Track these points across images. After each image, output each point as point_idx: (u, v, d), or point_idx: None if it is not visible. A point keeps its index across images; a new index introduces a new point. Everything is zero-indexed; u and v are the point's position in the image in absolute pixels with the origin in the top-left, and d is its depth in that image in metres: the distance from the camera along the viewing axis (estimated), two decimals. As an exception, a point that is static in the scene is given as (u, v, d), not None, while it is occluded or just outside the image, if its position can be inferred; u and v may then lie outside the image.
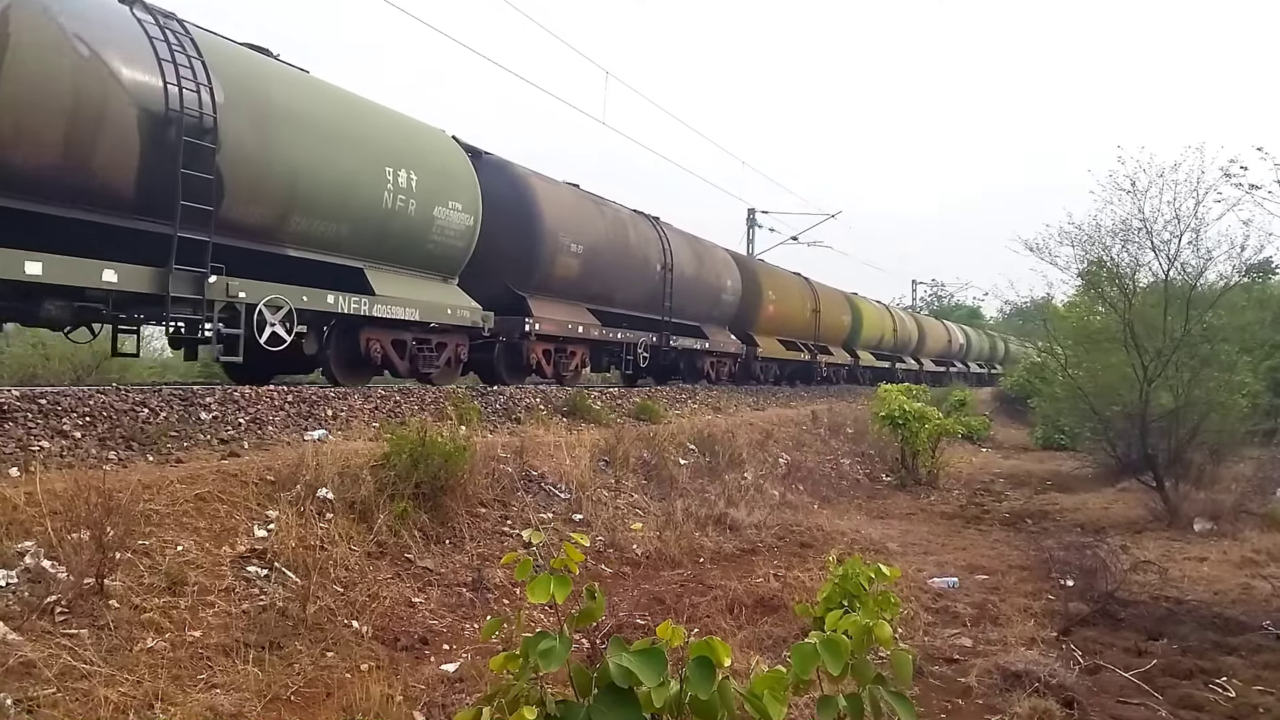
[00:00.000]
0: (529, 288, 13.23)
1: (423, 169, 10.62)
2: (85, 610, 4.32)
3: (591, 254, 14.34)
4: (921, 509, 12.48)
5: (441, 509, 6.89)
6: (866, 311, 30.61)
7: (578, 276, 14.10)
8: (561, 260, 13.53)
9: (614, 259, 15.13)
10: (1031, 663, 5.15)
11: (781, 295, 23.41)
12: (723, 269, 20.24)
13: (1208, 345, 12.53)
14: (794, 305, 24.38)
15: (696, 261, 18.73)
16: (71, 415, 6.38)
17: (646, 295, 16.56)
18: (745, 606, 6.32)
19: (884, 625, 2.35)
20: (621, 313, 15.82)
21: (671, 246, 17.36)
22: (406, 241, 10.55)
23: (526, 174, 13.42)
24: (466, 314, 11.53)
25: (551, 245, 13.31)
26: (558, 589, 2.12)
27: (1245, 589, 7.49)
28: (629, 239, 15.85)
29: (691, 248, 18.84)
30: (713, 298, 19.52)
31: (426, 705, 4.42)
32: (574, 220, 14.09)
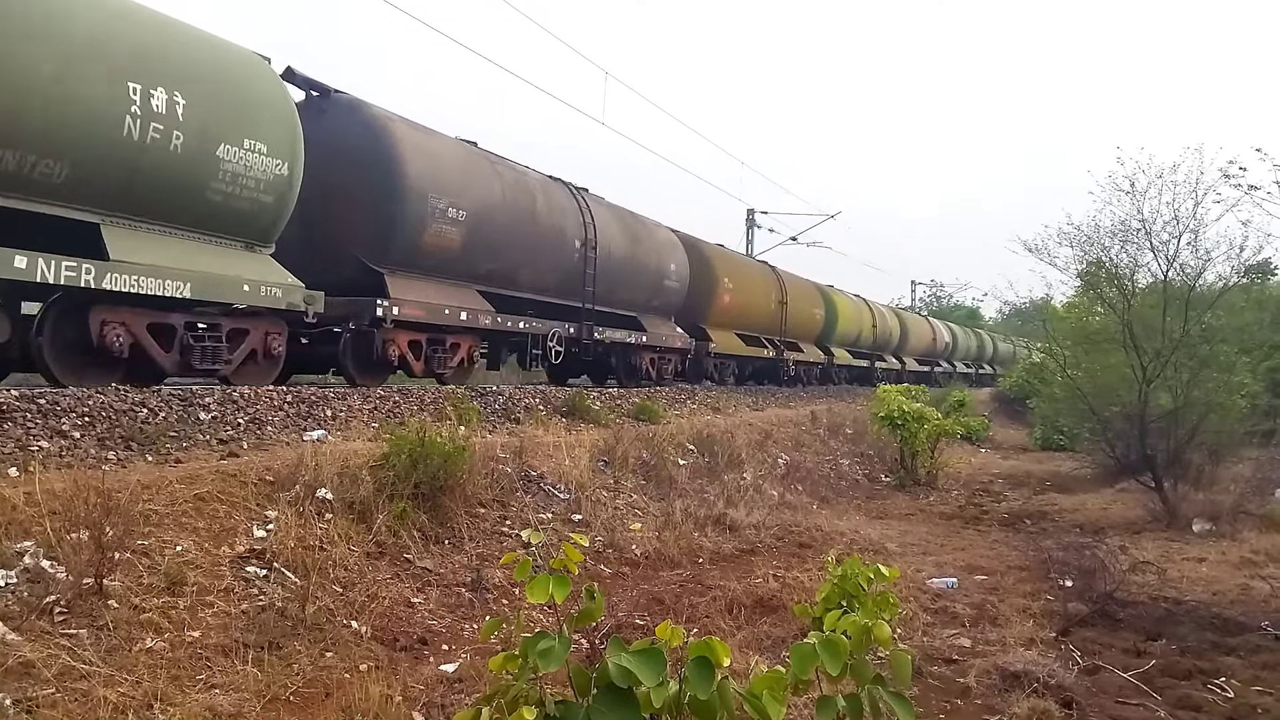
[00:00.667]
0: (387, 261, 10.65)
1: (197, 93, 7.88)
2: (84, 610, 4.32)
3: (481, 223, 11.76)
4: (920, 509, 12.48)
5: (441, 509, 6.89)
6: (842, 305, 28.49)
7: (461, 250, 11.53)
8: (435, 229, 10.99)
9: (515, 231, 12.54)
10: (1030, 663, 5.16)
11: (740, 284, 20.95)
12: (665, 251, 17.56)
13: (1206, 346, 12.54)
14: (756, 296, 21.94)
15: (630, 240, 16.08)
16: (70, 415, 6.38)
17: (562, 277, 13.93)
18: (744, 607, 6.32)
19: (883, 626, 2.35)
20: (528, 297, 13.28)
21: (596, 220, 14.68)
22: (170, 190, 7.83)
23: (386, 117, 10.89)
24: (277, 292, 8.68)
25: (419, 208, 10.72)
26: (557, 589, 2.13)
27: (1244, 589, 7.50)
28: (536, 208, 13.19)
29: (624, 224, 16.20)
30: (652, 284, 16.99)
31: (426, 705, 4.42)
32: (455, 179, 11.45)
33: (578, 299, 14.48)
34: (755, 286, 22.12)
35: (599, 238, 14.75)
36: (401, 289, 10.67)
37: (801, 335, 25.24)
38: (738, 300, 20.64)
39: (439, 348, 11.64)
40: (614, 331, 15.66)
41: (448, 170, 11.43)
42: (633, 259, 16.07)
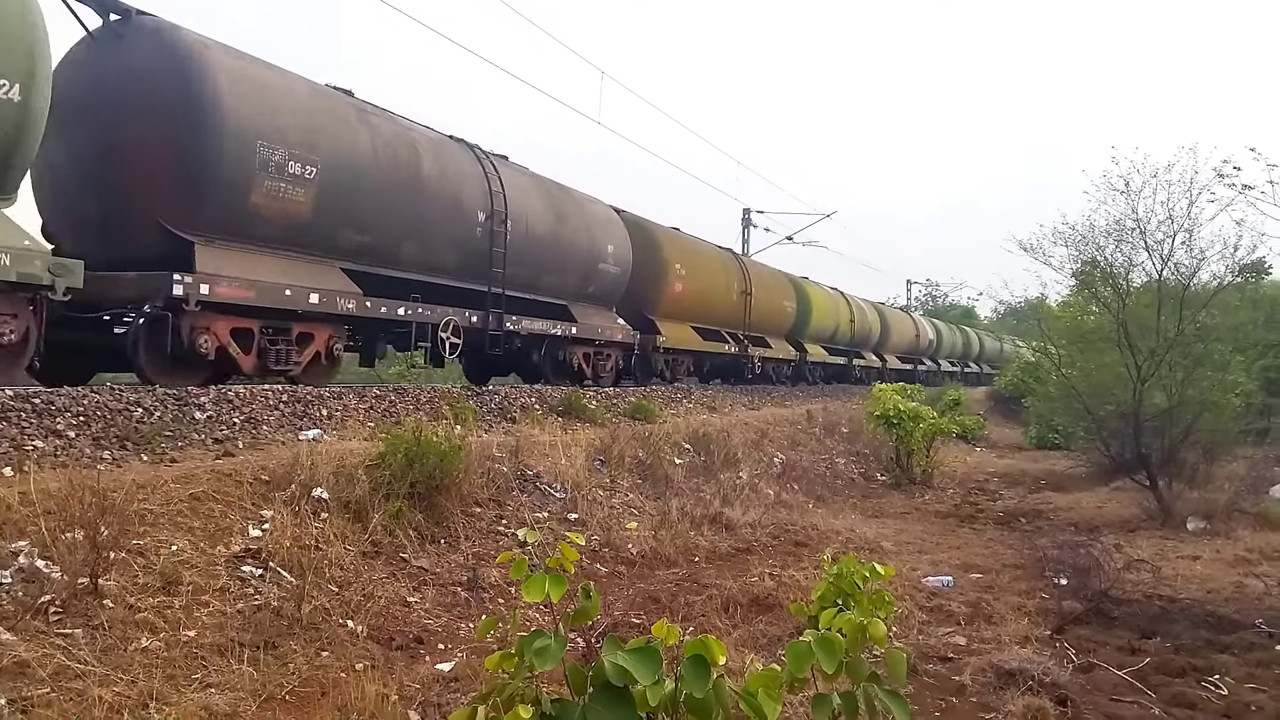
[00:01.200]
0: (198, 227, 8.39)
1: None
2: (79, 610, 4.31)
3: (341, 183, 9.55)
4: (916, 508, 12.51)
5: (436, 509, 6.88)
6: (817, 298, 26.39)
7: (313, 217, 9.28)
8: (271, 187, 8.71)
9: (392, 196, 10.32)
10: (1025, 661, 5.17)
11: (695, 271, 18.64)
12: (600, 229, 15.09)
13: (1201, 345, 12.57)
14: (714, 285, 19.64)
15: (554, 215, 13.75)
16: (65, 415, 6.36)
17: (464, 256, 11.69)
18: (740, 605, 6.33)
19: (878, 624, 2.36)
20: (417, 279, 11.11)
21: (508, 190, 12.33)
22: None
23: (198, 42, 8.47)
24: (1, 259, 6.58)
25: (241, 158, 8.40)
26: (553, 588, 2.13)
27: (1238, 587, 7.53)
28: (422, 170, 10.87)
29: (548, 196, 13.89)
30: (583, 267, 14.56)
31: (421, 704, 4.42)
32: (300, 126, 9.08)
33: (483, 281, 12.11)
34: (713, 274, 19.78)
35: (512, 210, 12.39)
36: (218, 262, 8.42)
37: (770, 330, 23.04)
38: (693, 289, 18.35)
39: (282, 338, 9.31)
40: (534, 321, 13.30)
41: (289, 114, 9.00)
42: (558, 237, 13.78)
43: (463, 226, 11.65)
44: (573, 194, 14.98)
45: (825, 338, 27.44)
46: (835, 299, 28.47)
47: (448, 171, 11.47)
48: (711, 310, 19.62)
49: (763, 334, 22.52)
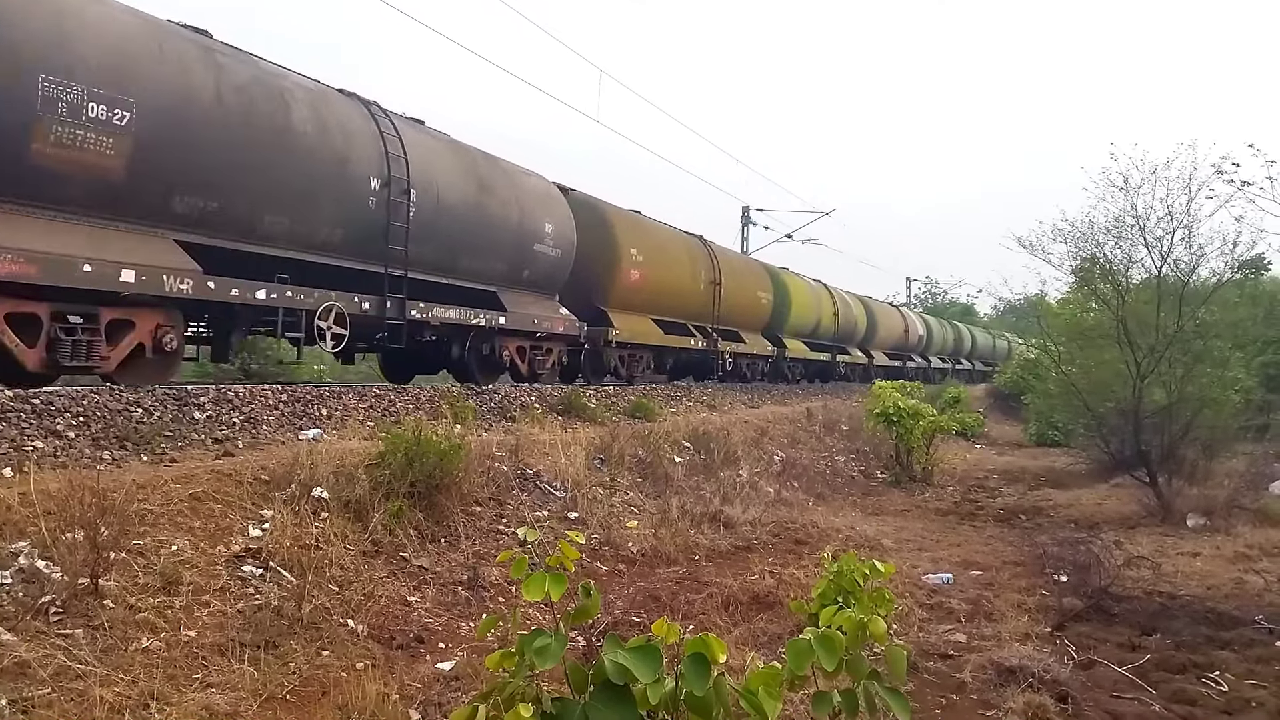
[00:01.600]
0: None
1: None
2: (80, 610, 4.31)
3: (169, 133, 7.67)
4: (916, 505, 12.52)
5: (437, 508, 6.88)
6: (796, 290, 24.50)
7: (128, 173, 7.40)
8: (60, 133, 6.86)
9: (247, 151, 8.36)
10: (1026, 658, 5.18)
11: (655, 256, 16.64)
12: (536, 205, 13.07)
13: (1200, 341, 12.59)
14: (678, 273, 17.73)
15: (475, 186, 11.69)
16: (65, 415, 6.36)
17: (354, 231, 9.71)
18: (740, 603, 6.34)
19: (878, 621, 2.36)
20: (290, 257, 9.11)
21: (412, 154, 10.31)
22: None
23: None
24: None
25: (13, 95, 6.60)
26: (553, 587, 2.13)
27: (1238, 584, 7.54)
28: (291, 124, 8.82)
29: (468, 165, 11.85)
30: (514, 248, 12.49)
31: (422, 704, 4.43)
32: (104, 59, 7.23)
33: (378, 260, 10.13)
34: (677, 262, 17.84)
35: (418, 178, 10.42)
36: None
37: (743, 323, 21.20)
38: (652, 277, 16.35)
39: (82, 329, 7.32)
40: (451, 310, 11.24)
41: (91, 43, 7.19)
42: (481, 212, 11.76)
43: (351, 195, 9.61)
44: (501, 164, 12.86)
45: (806, 332, 25.60)
46: (817, 291, 26.72)
47: (329, 129, 9.35)
48: (675, 301, 17.69)
49: (735, 328, 20.67)
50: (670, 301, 17.53)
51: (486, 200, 11.95)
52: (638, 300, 16.26)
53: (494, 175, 12.42)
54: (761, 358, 22.85)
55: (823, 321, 26.52)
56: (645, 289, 16.32)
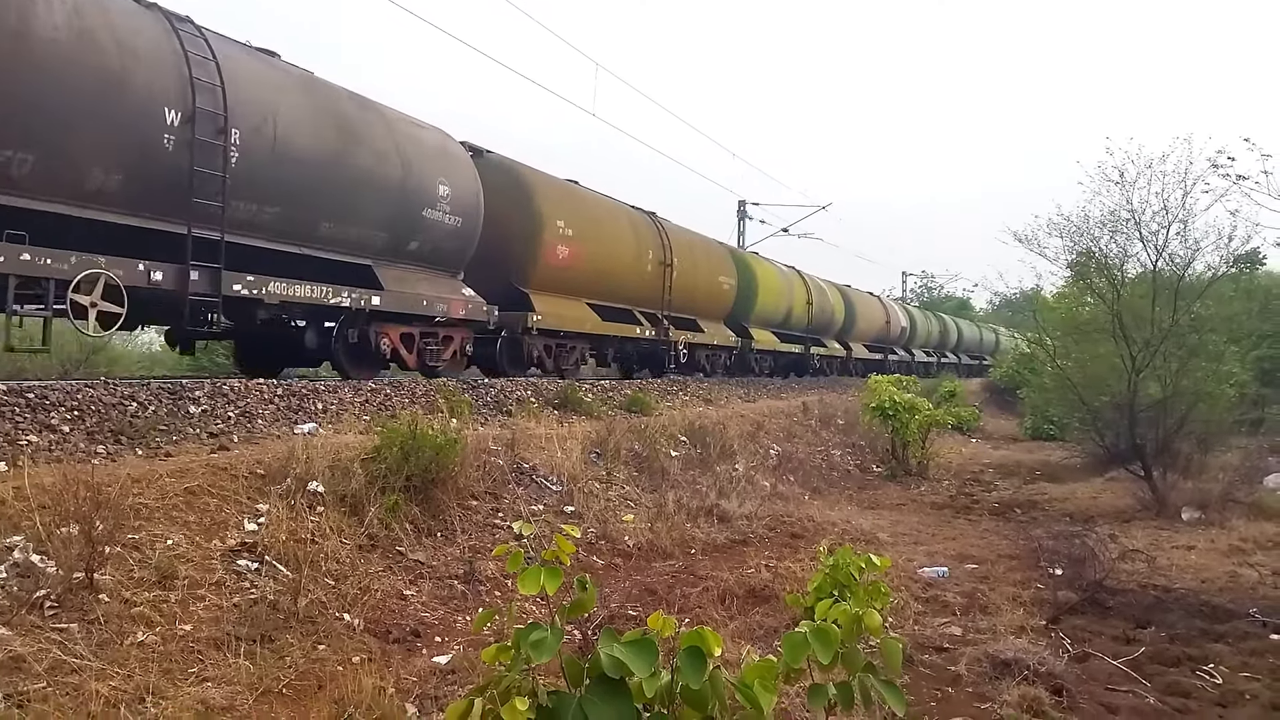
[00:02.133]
0: None
1: None
2: (75, 604, 4.30)
3: None
4: (912, 499, 12.54)
5: (433, 502, 6.88)
6: (765, 276, 22.56)
7: None
8: None
9: None
10: (1021, 651, 5.20)
11: (589, 231, 14.44)
12: (427, 163, 10.69)
13: (1195, 335, 12.63)
14: (619, 251, 15.60)
15: (334, 131, 9.36)
16: (59, 409, 6.34)
17: (134, 176, 7.50)
18: (736, 597, 6.35)
19: (874, 614, 2.36)
20: (35, 208, 6.93)
21: (230, 81, 8.08)
22: None
23: None
24: None
25: None
26: (549, 580, 2.13)
27: (1232, 577, 7.56)
28: (31, 26, 6.69)
29: (324, 103, 9.50)
30: (398, 211, 10.22)
31: (418, 697, 4.43)
32: None
33: (184, 219, 7.88)
34: (618, 238, 15.63)
35: (242, 113, 8.20)
36: None
37: (702, 311, 19.31)
38: (586, 254, 14.31)
39: None
40: (296, 286, 8.97)
41: None
42: (346, 165, 9.38)
43: (133, 130, 7.41)
44: (380, 110, 10.45)
45: (776, 322, 23.59)
46: (788, 278, 24.66)
47: (97, 42, 7.13)
48: (616, 283, 15.53)
49: (692, 315, 18.78)
50: (610, 284, 15.39)
51: (354, 151, 9.57)
52: (569, 281, 14.12)
53: (366, 122, 9.96)
54: (723, 349, 20.68)
55: (795, 310, 24.53)
56: (578, 268, 14.16)
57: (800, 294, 25.05)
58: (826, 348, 27.93)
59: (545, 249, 13.44)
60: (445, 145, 11.63)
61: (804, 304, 25.18)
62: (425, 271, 11.13)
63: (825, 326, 27.47)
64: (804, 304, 25.18)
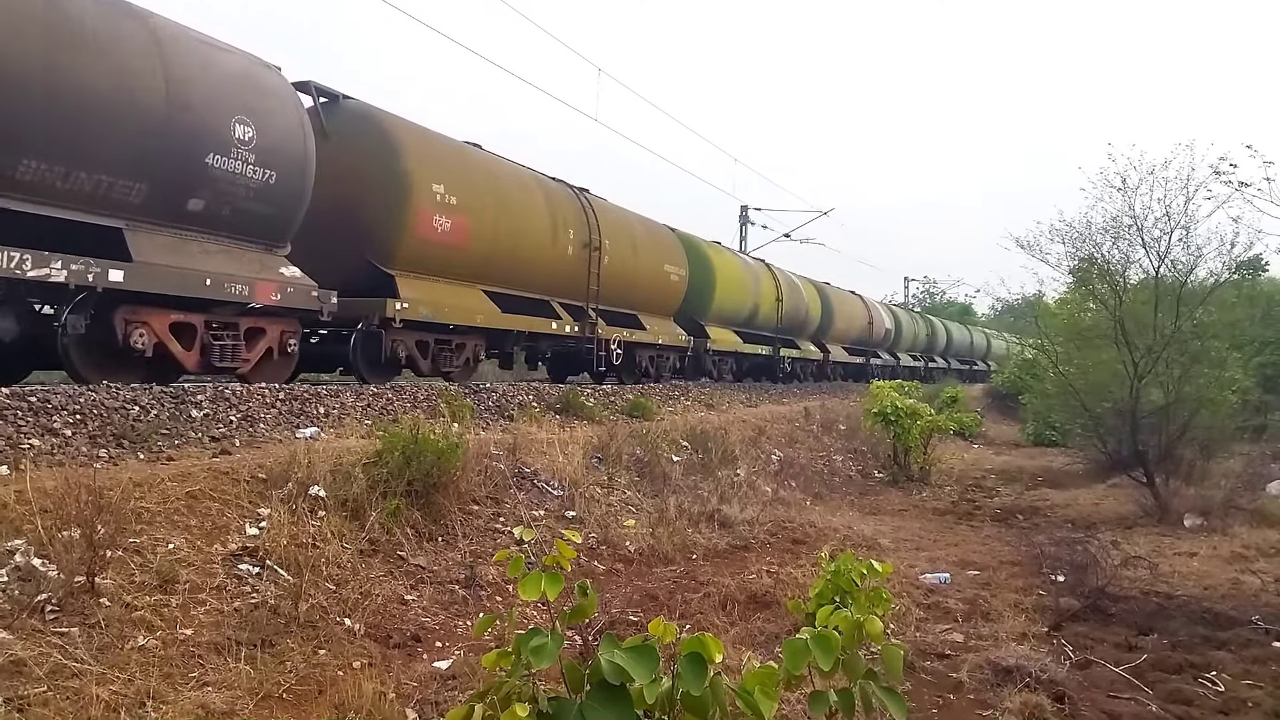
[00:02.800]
0: None
1: None
2: (76, 608, 4.30)
3: None
4: (914, 505, 12.53)
5: (434, 506, 6.88)
6: (724, 266, 20.00)
7: None
8: None
9: None
10: (1022, 658, 5.18)
11: (479, 201, 11.77)
12: (216, 90, 8.11)
13: (1198, 342, 12.61)
14: (525, 227, 12.74)
15: (43, 32, 6.75)
16: (62, 413, 6.35)
17: None
18: (738, 603, 6.33)
19: (875, 621, 2.36)
20: None
21: None
22: None
23: None
24: None
25: None
26: (549, 586, 2.12)
27: (1235, 584, 7.54)
28: None
29: None
30: (164, 155, 7.63)
31: (419, 702, 4.42)
32: None
33: None
34: (522, 212, 12.77)
35: None
36: None
37: (643, 304, 16.69)
38: (476, 230, 11.60)
39: None
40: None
41: None
42: (57, 79, 6.81)
43: None
44: (141, 15, 7.72)
45: (739, 320, 20.96)
46: (754, 271, 22.12)
47: None
48: (523, 268, 12.79)
49: (630, 309, 16.22)
50: (515, 268, 12.65)
51: (76, 63, 6.92)
52: (455, 263, 11.44)
53: (108, 26, 7.29)
54: (672, 349, 18.00)
55: (762, 308, 21.92)
56: (466, 247, 11.49)
57: (768, 289, 22.57)
58: (800, 350, 25.46)
59: (416, 219, 10.64)
60: (251, 73, 8.67)
61: (773, 301, 22.70)
62: (219, 242, 8.45)
63: (798, 326, 25.05)
64: (773, 301, 22.70)
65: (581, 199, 14.83)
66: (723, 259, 20.47)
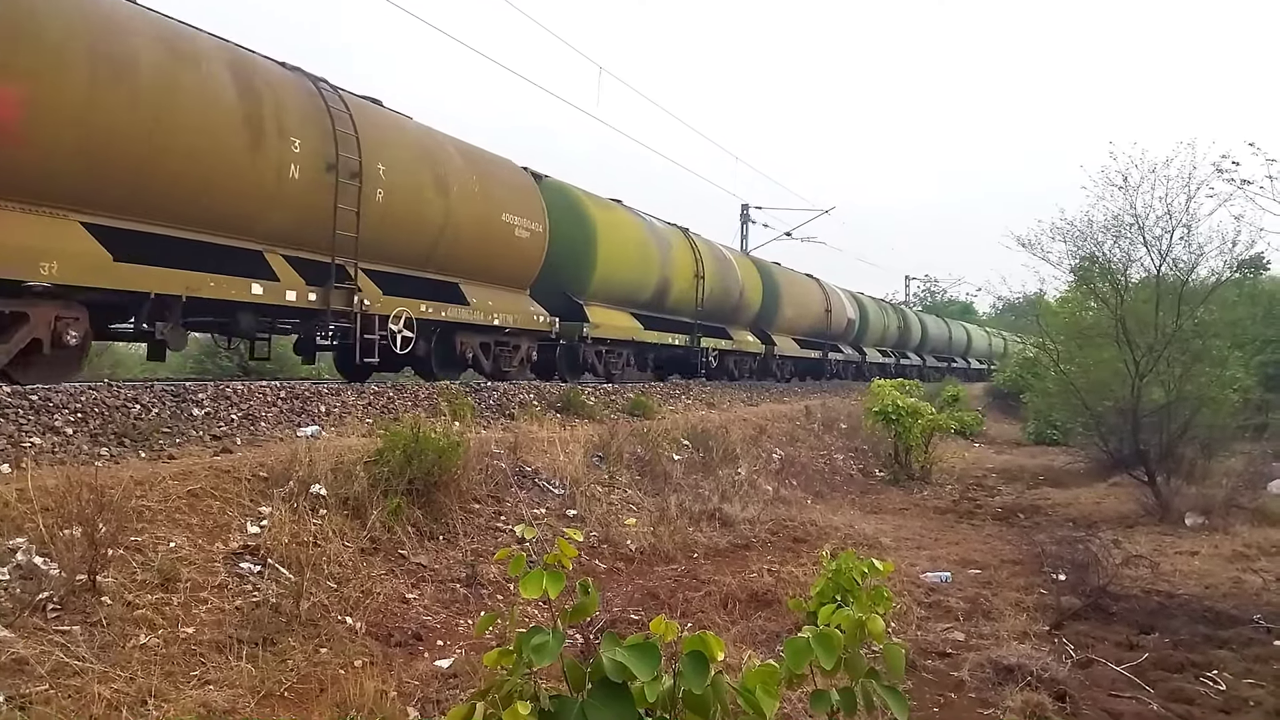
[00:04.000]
0: None
1: None
2: (78, 607, 4.31)
3: None
4: (915, 504, 12.52)
5: (435, 505, 6.88)
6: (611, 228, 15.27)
7: None
8: None
9: None
10: (1024, 656, 5.18)
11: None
12: None
13: (1199, 340, 12.59)
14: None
15: None
16: (63, 411, 6.35)
17: None
18: (739, 601, 6.33)
19: (877, 620, 2.35)
20: None
21: None
22: None
23: None
24: None
25: None
26: (551, 584, 2.12)
27: (1236, 583, 7.54)
28: None
29: None
30: None
31: (420, 701, 4.42)
32: None
33: None
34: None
35: None
36: None
37: (470, 268, 12.14)
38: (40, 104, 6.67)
39: None
40: None
41: None
42: None
43: None
44: None
45: (641, 300, 16.60)
46: (660, 237, 17.26)
47: None
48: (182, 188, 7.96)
49: (453, 276, 11.83)
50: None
51: None
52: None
53: None
54: (525, 333, 13.35)
55: (675, 284, 17.49)
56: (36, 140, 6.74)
57: (682, 263, 17.87)
58: (733, 340, 20.71)
59: None
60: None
61: (690, 277, 18.17)
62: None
63: (729, 311, 20.42)
64: (690, 277, 18.17)
65: (326, 97, 9.47)
66: (609, 218, 15.60)
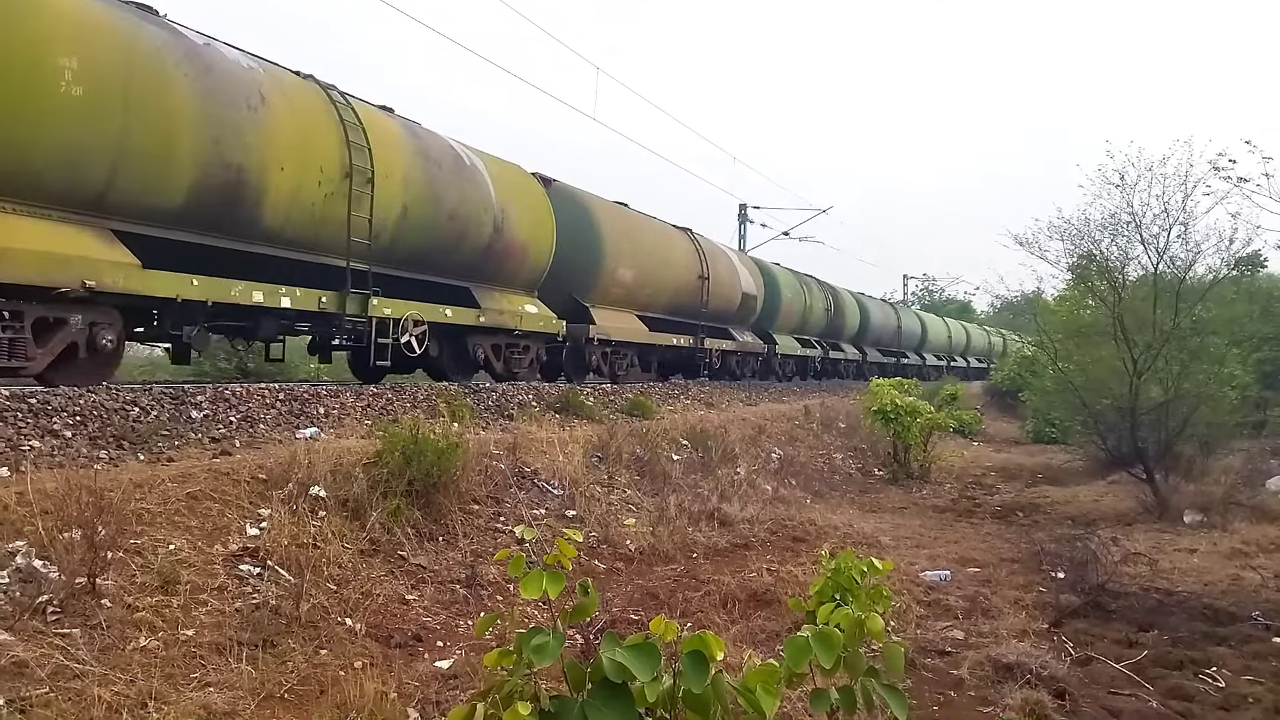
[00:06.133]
0: None
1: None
2: (77, 610, 4.31)
3: None
4: (914, 503, 12.53)
5: (434, 506, 6.88)
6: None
7: None
8: None
9: None
10: (1023, 654, 5.19)
11: None
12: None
13: (1197, 338, 12.60)
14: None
15: None
16: (62, 414, 6.35)
17: None
18: (738, 601, 6.34)
19: (876, 618, 2.36)
20: None
21: None
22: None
23: None
24: None
25: None
26: (551, 585, 2.13)
27: (1235, 580, 7.55)
28: None
29: None
30: None
31: (421, 702, 4.42)
32: None
33: None
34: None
35: None
36: None
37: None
38: None
39: None
40: None
41: None
42: None
43: None
44: None
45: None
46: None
47: None
48: None
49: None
50: None
51: None
52: None
53: None
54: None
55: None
56: None
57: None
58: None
59: None
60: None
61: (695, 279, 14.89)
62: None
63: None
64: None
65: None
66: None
